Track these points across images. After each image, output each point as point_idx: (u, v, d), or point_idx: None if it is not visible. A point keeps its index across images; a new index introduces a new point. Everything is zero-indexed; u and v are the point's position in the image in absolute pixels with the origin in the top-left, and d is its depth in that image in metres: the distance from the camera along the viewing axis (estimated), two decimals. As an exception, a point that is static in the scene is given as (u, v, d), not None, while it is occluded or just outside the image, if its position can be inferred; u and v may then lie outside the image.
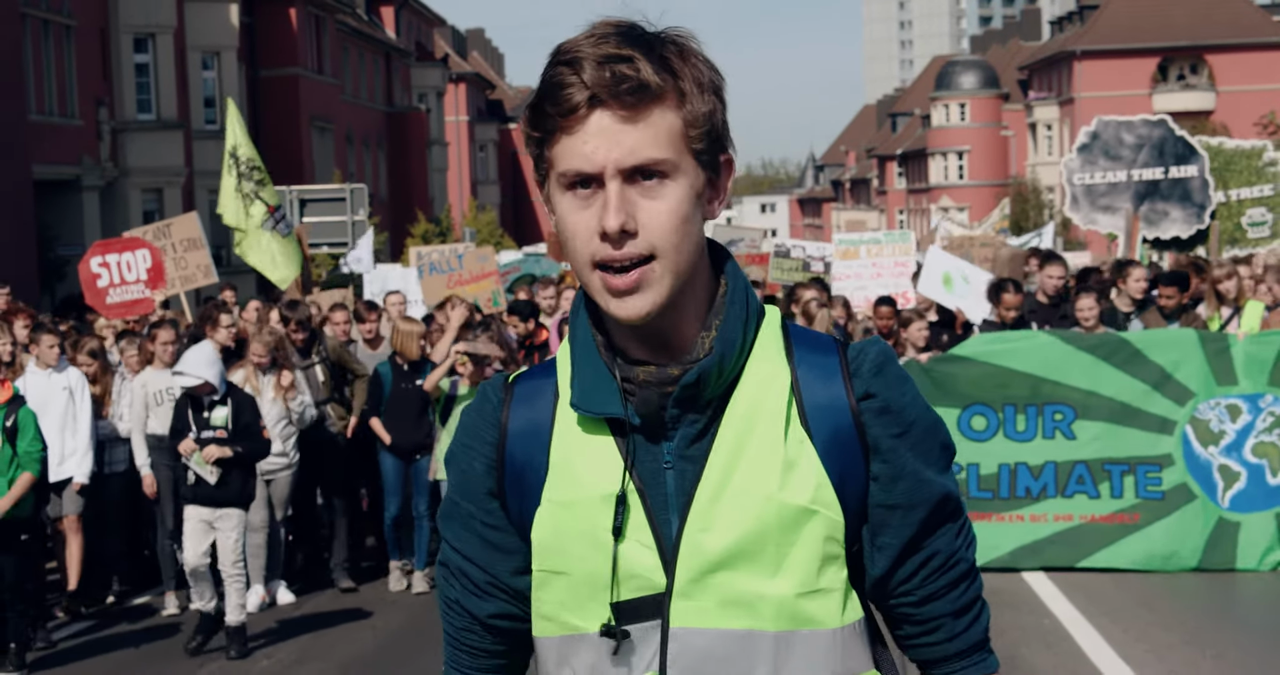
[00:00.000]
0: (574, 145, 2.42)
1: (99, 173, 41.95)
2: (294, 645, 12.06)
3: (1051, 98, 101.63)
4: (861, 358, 2.58)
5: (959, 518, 2.63)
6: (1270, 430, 13.38)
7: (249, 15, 52.50)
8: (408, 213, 64.25)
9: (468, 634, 2.67)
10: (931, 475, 2.58)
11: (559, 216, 2.48)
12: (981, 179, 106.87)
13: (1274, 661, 10.64)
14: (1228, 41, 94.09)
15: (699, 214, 2.48)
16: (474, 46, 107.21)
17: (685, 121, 2.45)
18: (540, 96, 2.46)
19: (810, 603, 2.50)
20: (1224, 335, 13.66)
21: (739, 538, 2.47)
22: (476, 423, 2.64)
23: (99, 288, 16.16)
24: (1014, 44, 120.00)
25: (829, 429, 2.53)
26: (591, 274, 2.44)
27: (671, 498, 2.50)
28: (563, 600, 2.54)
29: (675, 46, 2.47)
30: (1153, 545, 13.23)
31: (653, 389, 2.50)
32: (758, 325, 2.58)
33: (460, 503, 2.64)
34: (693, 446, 2.51)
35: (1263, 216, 23.13)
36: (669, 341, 2.52)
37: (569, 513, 2.51)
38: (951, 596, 2.61)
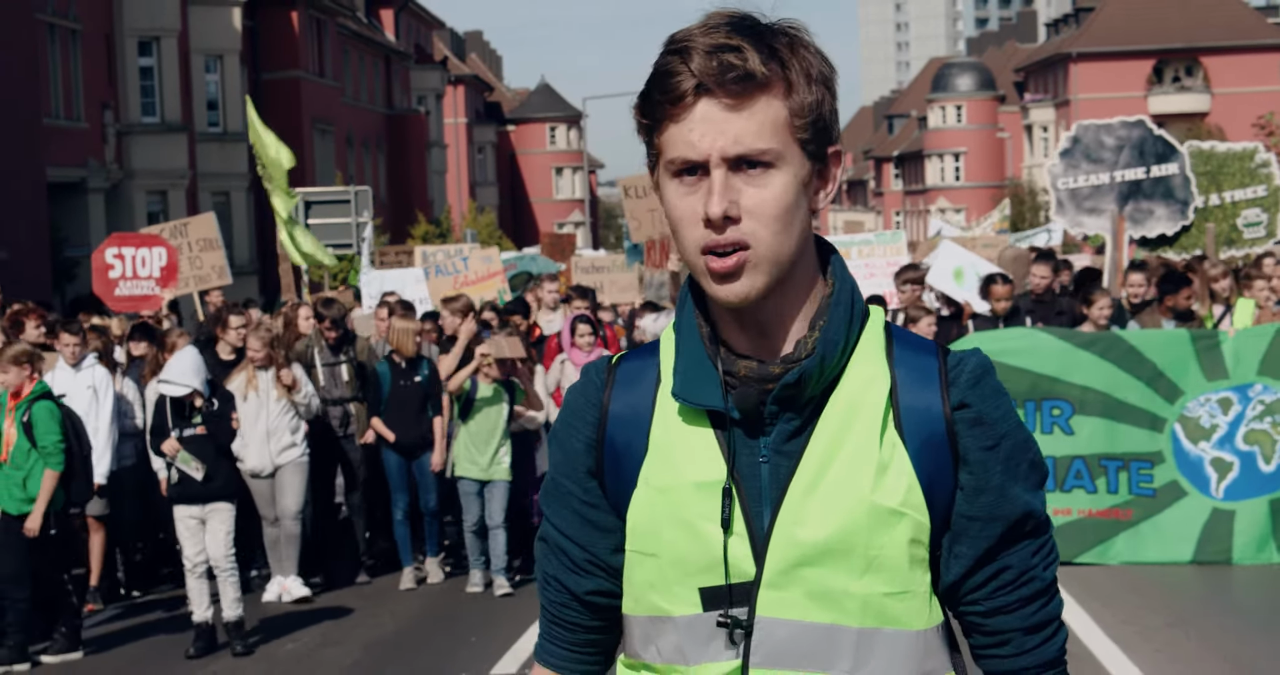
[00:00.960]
0: (680, 133, 2.47)
1: (104, 175, 42.28)
2: (316, 630, 12.43)
3: (1047, 100, 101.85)
4: (960, 367, 2.61)
5: (1040, 536, 2.65)
6: (1261, 418, 13.65)
7: (251, 18, 52.82)
8: (408, 214, 64.53)
9: (565, 609, 2.73)
10: (1016, 492, 2.60)
11: (667, 201, 2.54)
12: (978, 181, 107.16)
13: (1256, 642, 11.05)
14: (1223, 44, 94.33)
15: (804, 204, 2.52)
16: (472, 48, 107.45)
17: (791, 111, 2.48)
18: (650, 84, 2.50)
19: (895, 603, 2.55)
20: (1214, 332, 13.94)
21: (829, 534, 2.51)
22: (579, 403, 2.70)
23: (110, 278, 16.19)
24: (1010, 46, 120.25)
25: (922, 434, 2.57)
26: (698, 258, 2.49)
27: (765, 491, 2.55)
28: (652, 582, 2.60)
29: (786, 37, 2.50)
30: (1145, 541, 13.53)
31: (753, 385, 2.54)
32: (862, 326, 2.61)
33: (560, 481, 2.70)
34: (789, 442, 2.55)
35: (1257, 217, 23.46)
36: (773, 336, 2.56)
37: (665, 498, 2.57)
38: (1024, 613, 2.63)
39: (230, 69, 50.24)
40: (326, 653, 11.71)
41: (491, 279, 19.15)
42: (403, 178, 71.42)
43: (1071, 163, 22.25)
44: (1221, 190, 23.39)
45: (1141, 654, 10.56)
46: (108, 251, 16.34)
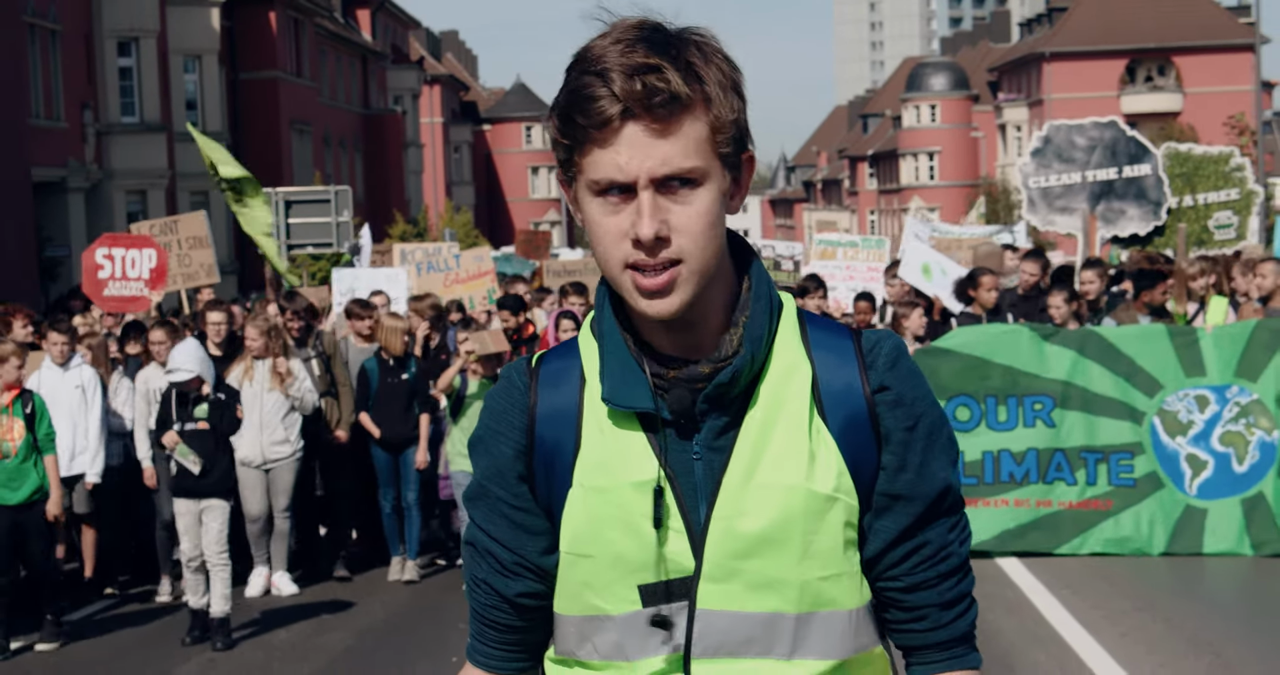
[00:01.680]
0: (607, 156, 2.46)
1: (84, 174, 42.46)
2: (308, 619, 12.72)
3: (1021, 99, 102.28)
4: (877, 351, 2.66)
5: (956, 513, 2.70)
6: (1236, 420, 13.88)
7: (229, 19, 53.00)
8: (385, 214, 64.75)
9: (494, 611, 2.76)
10: (935, 469, 2.66)
11: (589, 220, 2.53)
12: (952, 180, 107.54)
13: (1219, 626, 11.42)
14: (1195, 43, 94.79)
15: (724, 214, 2.55)
16: (448, 48, 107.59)
17: (713, 127, 2.50)
18: (569, 106, 2.50)
19: (831, 585, 2.60)
20: (1192, 329, 14.17)
21: (766, 524, 2.55)
22: (504, 407, 2.71)
23: (99, 279, 16.19)
24: (984, 46, 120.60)
25: (844, 416, 2.62)
26: (622, 274, 2.51)
27: (700, 486, 2.58)
28: (588, 581, 2.63)
29: (697, 48, 2.51)
30: (1123, 531, 13.77)
31: (684, 386, 2.58)
32: (778, 318, 2.66)
33: (488, 486, 2.71)
34: (720, 438, 2.58)
35: (1229, 219, 23.79)
36: (696, 334, 2.59)
37: (602, 498, 2.59)
38: (941, 588, 2.68)
39: (209, 69, 50.46)
40: (321, 639, 12.03)
41: (482, 277, 19.41)
42: (380, 177, 71.63)
43: (1043, 162, 22.54)
44: (1195, 192, 23.72)
45: (1108, 636, 10.92)
46: (98, 251, 16.35)
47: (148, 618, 13.11)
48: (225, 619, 11.90)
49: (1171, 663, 10.30)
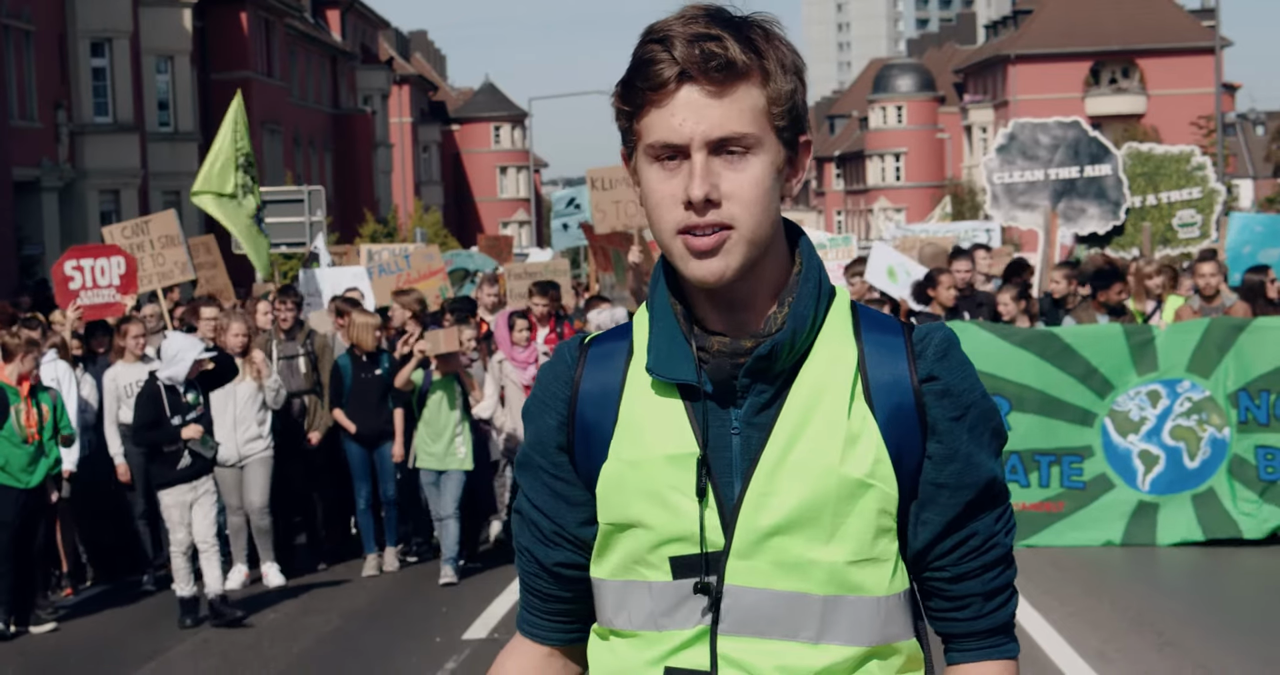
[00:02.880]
0: (663, 118, 2.54)
1: (58, 174, 42.76)
2: (294, 603, 13.24)
3: (986, 101, 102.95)
4: (927, 341, 2.68)
5: (1002, 503, 2.72)
6: (1188, 415, 14.24)
7: (201, 19, 53.31)
8: (355, 214, 65.06)
9: (535, 580, 2.82)
10: (982, 459, 2.67)
11: (645, 186, 2.60)
12: (918, 180, 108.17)
13: (1163, 608, 12.02)
14: (1158, 46, 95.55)
15: (778, 189, 2.60)
16: (416, 48, 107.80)
17: (769, 99, 2.56)
18: (632, 72, 2.57)
19: (860, 571, 2.61)
20: (1148, 327, 14.55)
21: (797, 505, 2.58)
22: (551, 381, 2.77)
23: (70, 290, 16.43)
24: (949, 47, 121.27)
25: (891, 406, 2.63)
26: (674, 239, 2.56)
27: (736, 462, 2.61)
28: (626, 551, 2.67)
29: (761, 29, 2.59)
30: (1076, 530, 14.17)
31: (725, 359, 2.61)
32: (828, 305, 2.69)
33: (532, 455, 2.78)
34: (760, 415, 2.62)
35: (1192, 218, 24.36)
36: (744, 313, 2.63)
37: (635, 471, 2.64)
38: (985, 578, 2.69)
39: (181, 69, 50.77)
40: (308, 620, 12.55)
41: (433, 276, 19.81)
42: (349, 177, 71.86)
43: (1007, 158, 23.09)
44: (1158, 191, 24.29)
45: (1057, 616, 11.52)
46: (66, 264, 16.59)
47: (136, 605, 13.56)
48: (224, 597, 12.42)
49: (1115, 640, 10.88)
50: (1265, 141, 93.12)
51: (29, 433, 12.46)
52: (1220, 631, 11.23)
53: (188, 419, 12.32)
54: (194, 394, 12.44)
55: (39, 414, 12.58)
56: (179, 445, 12.35)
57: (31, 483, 12.50)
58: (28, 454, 12.49)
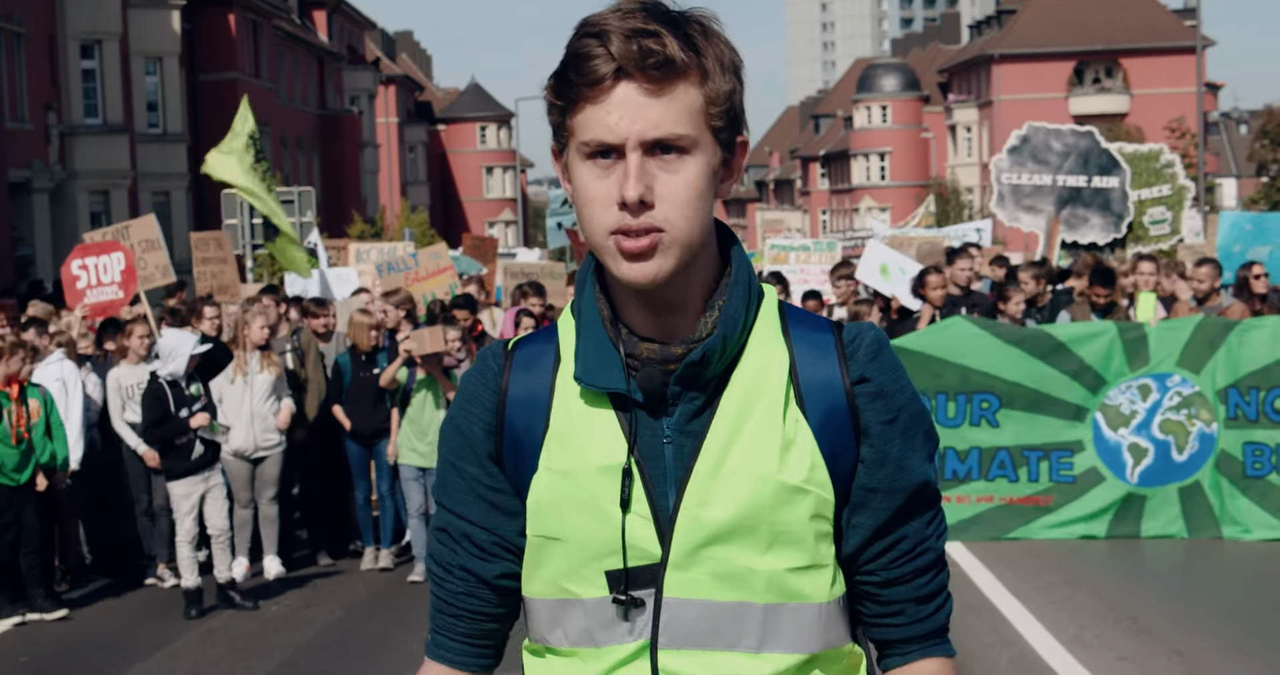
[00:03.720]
0: (598, 115, 2.46)
1: (48, 175, 43.03)
2: (296, 595, 13.59)
3: (970, 100, 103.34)
4: (858, 342, 2.63)
5: (933, 506, 2.68)
6: (1178, 409, 14.42)
7: (189, 21, 53.55)
8: (342, 214, 65.32)
9: (467, 599, 2.71)
10: (914, 463, 2.63)
11: (577, 184, 2.53)
12: (903, 180, 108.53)
13: (1141, 597, 12.42)
14: (1141, 46, 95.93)
15: (712, 191, 2.53)
16: (403, 49, 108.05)
17: (707, 99, 2.49)
18: (566, 66, 2.49)
19: (800, 578, 2.57)
20: (1139, 324, 14.76)
21: (735, 513, 2.52)
22: (476, 388, 2.69)
23: (78, 289, 16.87)
24: (934, 47, 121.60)
25: (823, 408, 2.59)
26: (607, 239, 2.49)
27: (670, 471, 2.55)
28: (558, 565, 2.60)
29: (699, 25, 2.52)
30: (1064, 519, 14.43)
31: (655, 366, 2.55)
32: (758, 306, 2.63)
33: (460, 467, 2.69)
34: (692, 422, 2.56)
35: (1162, 215, 24.77)
36: (674, 317, 2.57)
37: (567, 482, 2.57)
38: (917, 583, 2.66)
39: (170, 71, 51.07)
40: (310, 612, 12.91)
41: (441, 274, 20.12)
42: (336, 178, 72.11)
43: (1018, 160, 23.45)
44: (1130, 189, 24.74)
45: (1036, 604, 11.89)
46: (73, 263, 16.92)
47: (140, 599, 13.88)
48: (232, 582, 13.02)
49: (1093, 626, 11.25)
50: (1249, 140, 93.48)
51: (19, 432, 12.82)
52: (1195, 619, 11.59)
53: (193, 410, 12.73)
54: (195, 386, 12.88)
55: (28, 413, 12.93)
56: (189, 436, 12.74)
57: (20, 480, 12.88)
58: (19, 453, 12.85)
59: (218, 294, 18.70)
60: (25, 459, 12.91)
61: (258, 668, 11.09)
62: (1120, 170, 23.29)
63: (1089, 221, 23.33)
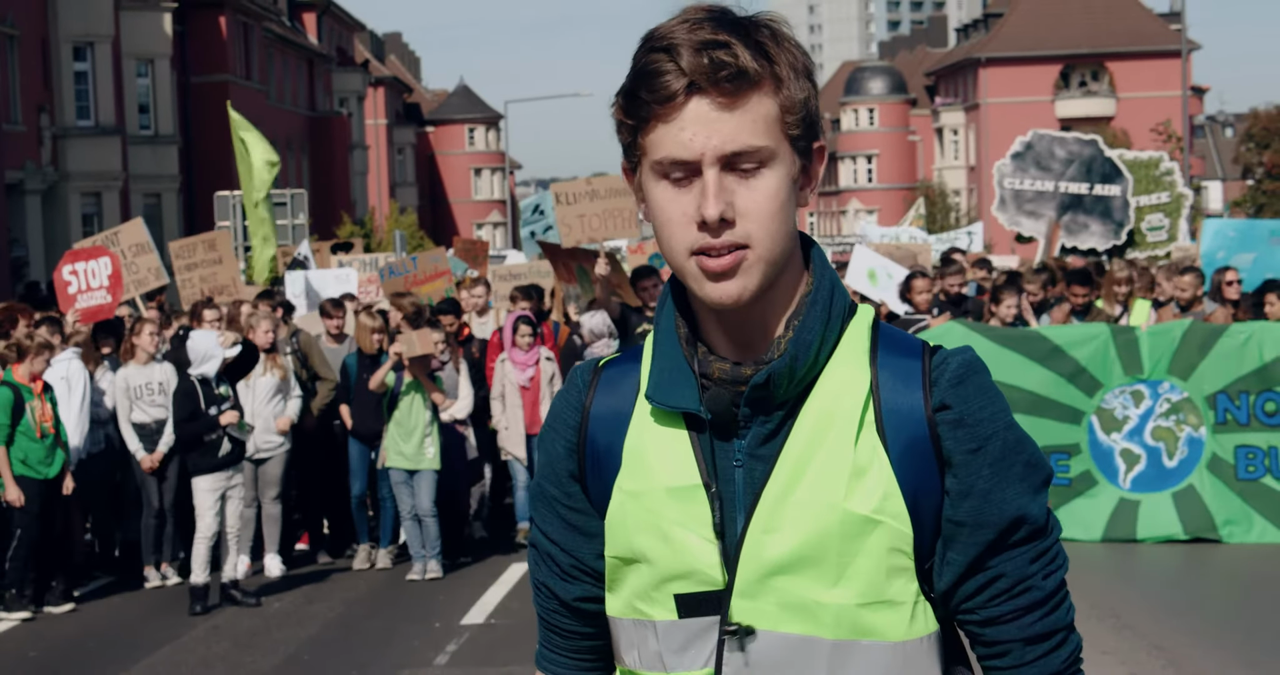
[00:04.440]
0: (671, 133, 2.38)
1: (41, 177, 43.31)
2: (298, 593, 13.89)
3: (957, 103, 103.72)
4: (943, 367, 2.52)
5: (1036, 541, 2.53)
6: (1167, 416, 14.64)
7: (180, 23, 53.82)
8: (332, 215, 65.51)
9: (556, 616, 2.69)
10: (1006, 495, 2.49)
11: (653, 204, 2.45)
12: (890, 182, 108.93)
13: (1123, 595, 12.74)
14: (1127, 49, 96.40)
15: (794, 202, 2.46)
16: (391, 50, 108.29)
17: (782, 107, 2.42)
18: (635, 83, 2.41)
19: (873, 614, 2.45)
20: (1132, 328, 15.01)
21: (800, 542, 2.43)
22: (562, 406, 2.64)
23: (70, 294, 17.09)
24: (921, 50, 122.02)
25: (905, 438, 2.47)
26: (688, 261, 2.41)
27: (740, 496, 2.47)
28: (632, 586, 2.54)
29: (769, 31, 2.44)
30: (1061, 523, 14.89)
31: (726, 386, 2.47)
32: (843, 324, 2.53)
33: (545, 486, 2.65)
34: (764, 445, 2.47)
35: (1160, 222, 25.08)
36: (755, 337, 2.49)
37: (636, 503, 2.51)
38: (1021, 623, 2.51)
39: (161, 73, 51.36)
40: (312, 608, 13.20)
41: (439, 278, 20.35)
42: (326, 179, 72.32)
43: (1021, 165, 23.73)
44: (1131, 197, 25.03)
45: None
46: (64, 269, 17.11)
47: (145, 596, 14.14)
48: (235, 582, 13.37)
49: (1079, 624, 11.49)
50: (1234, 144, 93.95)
51: (45, 427, 13.22)
52: (1177, 617, 11.91)
53: (222, 409, 13.14)
54: (224, 386, 13.27)
55: (54, 409, 13.36)
56: (218, 433, 13.10)
57: (49, 474, 13.29)
58: (44, 447, 13.27)
59: (216, 296, 18.86)
60: (51, 453, 13.30)
61: (263, 662, 11.38)
62: (1123, 179, 23.58)
63: (1089, 228, 23.61)
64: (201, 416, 13.12)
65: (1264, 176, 74.20)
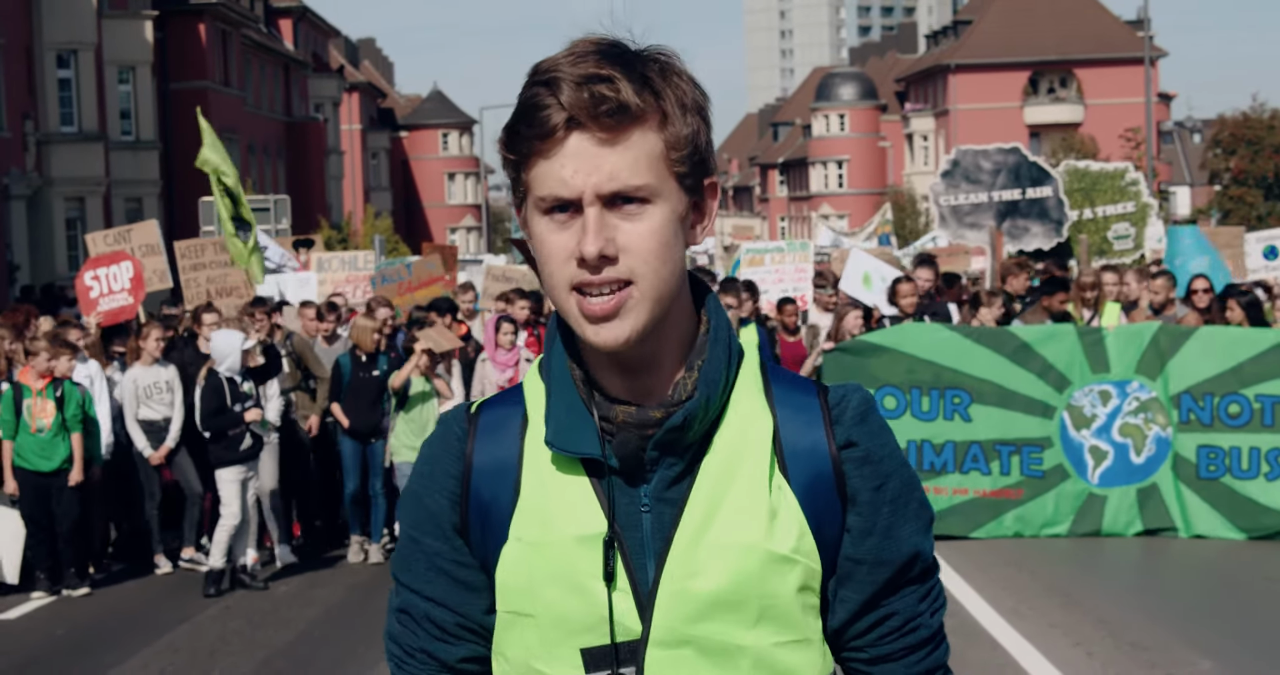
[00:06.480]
0: (551, 169, 2.31)
1: (25, 182, 43.99)
2: (302, 578, 14.68)
3: (927, 109, 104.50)
4: (844, 404, 2.49)
5: (927, 580, 2.53)
6: (1135, 413, 15.02)
7: (161, 31, 54.45)
8: (309, 220, 66.05)
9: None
10: (904, 533, 2.49)
11: (536, 240, 2.37)
12: (860, 187, 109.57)
13: (1074, 575, 13.63)
14: (1095, 56, 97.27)
15: (681, 239, 2.38)
16: (365, 56, 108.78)
17: (667, 144, 2.34)
18: (516, 118, 2.35)
19: (789, 653, 2.42)
20: (1097, 329, 15.32)
21: (721, 586, 2.38)
22: (440, 455, 2.53)
23: (91, 299, 17.59)
24: (891, 56, 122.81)
25: (808, 476, 2.44)
26: (568, 298, 2.35)
27: (648, 542, 2.41)
28: (528, 644, 2.44)
29: (658, 65, 2.36)
30: (1032, 515, 15.13)
31: (632, 431, 2.40)
32: (738, 365, 2.48)
33: (423, 540, 2.52)
34: (671, 489, 2.41)
35: (1126, 231, 25.93)
36: (649, 378, 2.43)
37: (540, 554, 2.41)
38: (908, 661, 2.51)
39: (142, 80, 52.01)
40: (316, 592, 14.02)
41: (435, 284, 20.88)
42: (302, 184, 72.71)
43: (952, 183, 24.59)
44: (1094, 205, 25.90)
45: (980, 581, 13.13)
46: (86, 275, 17.59)
47: (153, 581, 14.91)
48: (246, 566, 14.30)
49: (1028, 600, 12.49)
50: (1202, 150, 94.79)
51: (41, 423, 14.07)
52: (1119, 594, 12.87)
53: (246, 406, 14.02)
54: (249, 384, 14.16)
55: (58, 408, 14.15)
56: (242, 428, 13.97)
57: (46, 467, 14.16)
58: (39, 442, 14.13)
59: (224, 297, 19.26)
60: (49, 447, 14.11)
61: (276, 638, 12.23)
62: (1051, 179, 24.42)
63: (1030, 230, 24.40)
64: (228, 412, 13.96)
65: (1231, 182, 75.14)
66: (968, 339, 15.22)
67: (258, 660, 11.54)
